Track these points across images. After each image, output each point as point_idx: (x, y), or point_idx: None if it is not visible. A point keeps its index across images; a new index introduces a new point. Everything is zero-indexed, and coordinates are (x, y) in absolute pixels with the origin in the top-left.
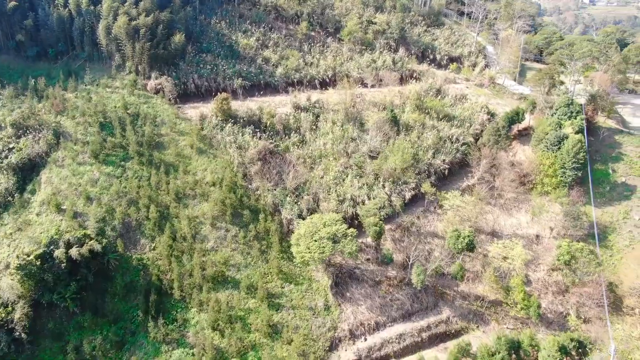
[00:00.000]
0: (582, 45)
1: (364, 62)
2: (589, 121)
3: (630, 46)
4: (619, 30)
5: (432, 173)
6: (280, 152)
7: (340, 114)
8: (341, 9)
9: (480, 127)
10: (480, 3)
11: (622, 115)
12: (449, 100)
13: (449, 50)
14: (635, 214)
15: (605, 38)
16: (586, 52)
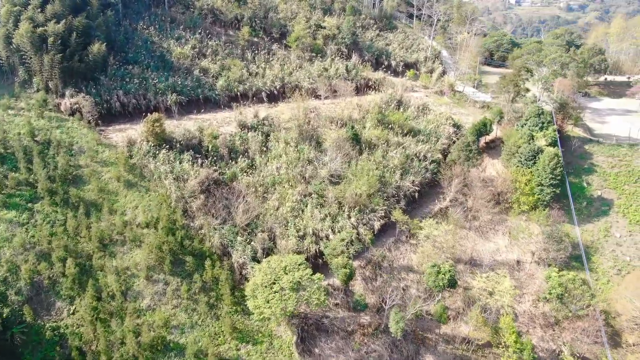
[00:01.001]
0: (550, 51)
1: (315, 70)
2: (559, 131)
3: (582, 48)
4: (567, 32)
5: (401, 197)
6: (227, 180)
7: (293, 132)
8: (286, 12)
9: (447, 141)
10: (435, 6)
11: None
12: (411, 112)
13: (404, 55)
14: (616, 231)
15: (556, 40)
16: (556, 57)
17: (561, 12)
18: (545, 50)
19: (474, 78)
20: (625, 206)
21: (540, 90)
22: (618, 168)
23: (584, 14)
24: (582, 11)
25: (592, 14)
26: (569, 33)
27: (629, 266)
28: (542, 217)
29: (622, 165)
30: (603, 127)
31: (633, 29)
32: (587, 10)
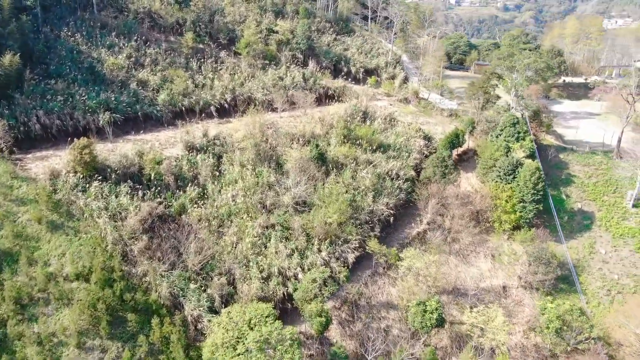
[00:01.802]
0: (524, 56)
1: (270, 80)
2: (534, 141)
3: (541, 50)
4: (523, 33)
5: (375, 223)
6: (174, 215)
7: (249, 153)
8: (234, 15)
9: (419, 156)
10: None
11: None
12: (378, 124)
13: (364, 61)
14: (600, 247)
15: (513, 42)
16: (531, 63)
17: (498, 11)
18: (519, 55)
19: (440, 84)
20: (607, 219)
21: (514, 97)
22: (595, 177)
23: (519, 14)
24: (517, 11)
25: (527, 14)
26: (524, 34)
27: (617, 285)
28: (528, 238)
29: (599, 175)
30: (573, 132)
31: (587, 29)
32: (522, 9)
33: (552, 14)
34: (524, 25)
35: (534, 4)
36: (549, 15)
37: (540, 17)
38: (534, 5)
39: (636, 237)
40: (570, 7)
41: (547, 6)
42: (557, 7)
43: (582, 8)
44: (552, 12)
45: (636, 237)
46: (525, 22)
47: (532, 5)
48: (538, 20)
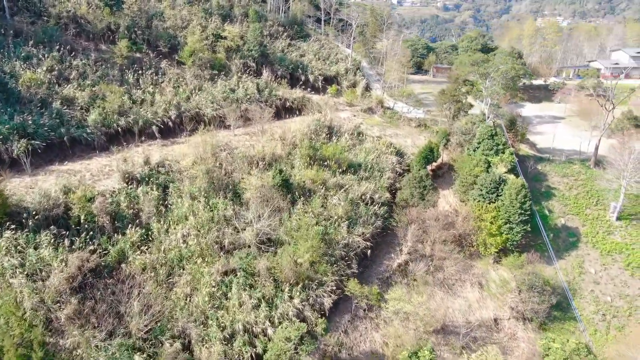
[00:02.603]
0: (501, 61)
1: (219, 93)
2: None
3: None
4: (480, 34)
5: (352, 258)
6: (112, 265)
7: (201, 181)
8: (175, 19)
9: (393, 174)
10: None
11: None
12: (345, 140)
13: (323, 68)
14: (590, 266)
15: (471, 44)
16: (508, 70)
17: (439, 11)
18: (494, 60)
19: (407, 92)
20: (592, 234)
21: (488, 106)
22: (576, 189)
23: (459, 13)
24: (457, 10)
25: (466, 13)
26: (481, 35)
27: (612, 308)
28: (518, 263)
29: (579, 186)
30: (544, 139)
31: (544, 30)
32: (461, 9)
33: (489, 13)
34: (464, 24)
35: (471, 4)
36: (486, 14)
37: (478, 16)
38: (471, 5)
39: (624, 253)
40: (505, 7)
41: (484, 5)
42: (494, 6)
43: (516, 7)
44: (489, 11)
45: (623, 252)
46: (465, 22)
47: (470, 5)
48: (476, 20)
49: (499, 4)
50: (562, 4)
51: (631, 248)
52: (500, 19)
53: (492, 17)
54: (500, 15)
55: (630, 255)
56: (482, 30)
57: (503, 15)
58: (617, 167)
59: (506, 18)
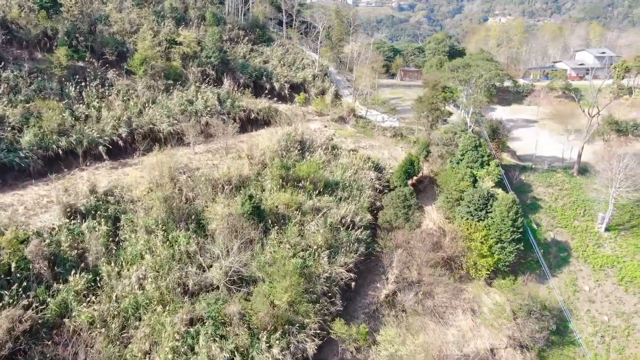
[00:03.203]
0: (484, 67)
1: (176, 105)
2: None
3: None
4: (447, 36)
5: (335, 293)
6: (52, 322)
7: (158, 211)
8: (123, 23)
9: (373, 192)
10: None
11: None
12: (319, 156)
13: (289, 75)
14: (583, 283)
15: (438, 46)
16: (493, 75)
17: (394, 11)
18: (477, 65)
19: (381, 100)
20: (582, 248)
21: (469, 115)
22: (561, 199)
23: (413, 13)
24: (411, 10)
25: (421, 13)
26: (447, 37)
27: (610, 328)
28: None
29: (564, 196)
30: (522, 146)
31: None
32: (415, 9)
33: (442, 13)
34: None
35: (425, 4)
36: (439, 14)
37: (432, 16)
38: (425, 5)
39: (615, 267)
40: (458, 7)
41: (437, 5)
42: (447, 6)
43: (468, 7)
44: (443, 11)
45: (615, 266)
46: (420, 22)
47: (424, 5)
48: (430, 19)
49: (452, 4)
50: (511, 3)
51: (622, 261)
52: (453, 18)
53: (446, 17)
54: (453, 15)
55: (622, 269)
56: (422, 28)
57: (456, 15)
58: (605, 175)
59: (459, 18)
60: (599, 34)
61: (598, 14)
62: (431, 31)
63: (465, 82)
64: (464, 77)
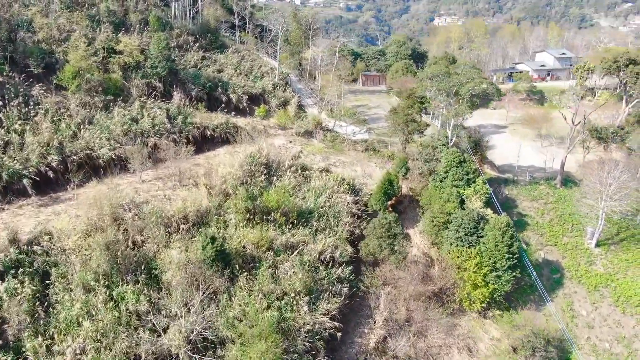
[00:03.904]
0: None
1: (118, 125)
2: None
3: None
4: (407, 38)
5: (319, 348)
6: None
7: (99, 261)
8: (50, 29)
9: (351, 219)
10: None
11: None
12: (288, 180)
13: (247, 85)
14: (580, 308)
15: (400, 49)
16: (476, 85)
17: (342, 12)
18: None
19: (351, 112)
20: (574, 267)
21: (452, 128)
22: (548, 214)
23: (361, 13)
24: (359, 11)
25: (369, 13)
26: (408, 39)
27: (612, 357)
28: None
29: (550, 210)
30: (498, 154)
31: (471, 32)
32: (363, 9)
33: (389, 13)
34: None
35: (372, 4)
36: (387, 14)
37: (380, 16)
38: (373, 6)
39: (610, 286)
40: (404, 7)
41: (384, 6)
42: (394, 6)
43: (415, 7)
44: (390, 11)
45: (610, 285)
46: (368, 22)
47: (371, 5)
48: (378, 20)
49: (398, 4)
50: (455, 3)
51: (615, 279)
52: (400, 18)
53: (393, 17)
54: (400, 15)
55: (617, 288)
56: (371, 28)
57: (403, 15)
58: (594, 188)
59: (406, 18)
60: (556, 34)
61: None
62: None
63: (446, 92)
64: (444, 87)
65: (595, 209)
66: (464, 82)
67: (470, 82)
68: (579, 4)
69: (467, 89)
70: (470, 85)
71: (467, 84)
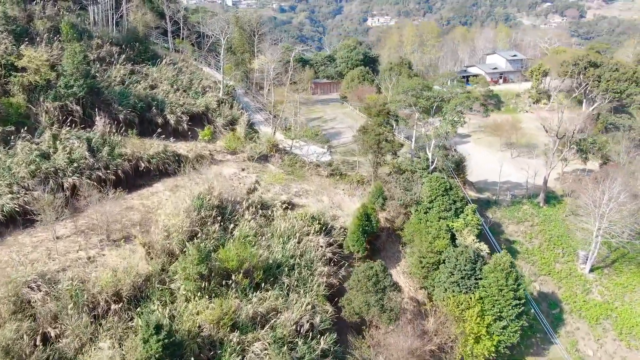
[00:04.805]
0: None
1: (22, 165)
2: None
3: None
4: (357, 42)
5: None
6: None
7: None
8: None
9: (327, 268)
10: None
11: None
12: (247, 225)
13: (187, 103)
14: (585, 346)
15: (350, 54)
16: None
17: (275, 13)
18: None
19: (313, 132)
20: (572, 298)
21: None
22: (536, 238)
23: (295, 14)
24: (293, 12)
25: (302, 14)
26: (357, 43)
27: None
28: None
29: (538, 234)
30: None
31: (423, 35)
32: (297, 10)
33: (323, 14)
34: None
35: (306, 5)
36: (321, 15)
37: (314, 17)
38: (306, 6)
39: (610, 317)
40: (337, 8)
41: (317, 6)
42: (327, 7)
43: (348, 8)
44: (323, 12)
45: (610, 315)
46: (302, 22)
47: (304, 6)
48: (312, 20)
49: (332, 5)
50: (387, 4)
51: (614, 307)
52: (334, 19)
53: (327, 17)
54: (334, 15)
55: (617, 319)
56: (305, 29)
57: (336, 15)
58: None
59: (340, 18)
60: (505, 35)
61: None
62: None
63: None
64: (424, 103)
65: (589, 232)
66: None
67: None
68: (503, 4)
69: (453, 106)
70: (455, 103)
71: (453, 101)
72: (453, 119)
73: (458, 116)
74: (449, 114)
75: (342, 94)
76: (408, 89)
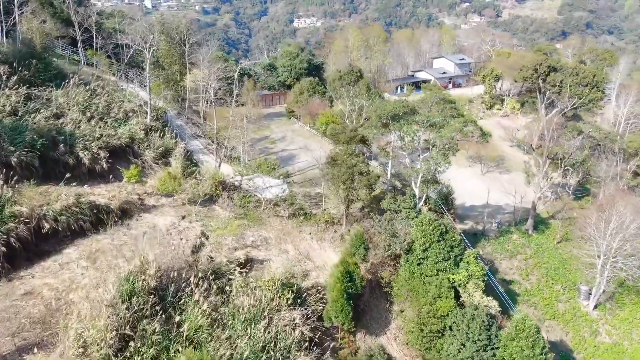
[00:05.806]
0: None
1: None
2: None
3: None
4: (299, 48)
5: None
6: None
7: None
8: None
9: (308, 358)
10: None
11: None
12: (198, 308)
13: (105, 134)
14: None
15: (293, 62)
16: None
17: (199, 15)
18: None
19: (269, 166)
20: (582, 345)
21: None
22: (532, 274)
23: (219, 16)
24: (217, 13)
25: (227, 16)
26: (299, 48)
27: None
28: None
29: (533, 268)
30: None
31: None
32: (221, 12)
33: (248, 15)
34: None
35: (230, 7)
36: (246, 16)
37: (239, 18)
38: (230, 8)
39: None
40: (263, 9)
41: (242, 8)
42: (252, 8)
43: (273, 9)
44: (249, 13)
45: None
46: (227, 25)
47: (229, 8)
48: (238, 22)
49: (257, 6)
50: (313, 5)
51: (624, 350)
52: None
53: (252, 19)
54: (259, 17)
55: None
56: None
57: (262, 17)
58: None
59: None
60: (450, 37)
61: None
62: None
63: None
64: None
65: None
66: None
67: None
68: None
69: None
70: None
71: (448, 128)
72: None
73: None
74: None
75: (289, 107)
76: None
